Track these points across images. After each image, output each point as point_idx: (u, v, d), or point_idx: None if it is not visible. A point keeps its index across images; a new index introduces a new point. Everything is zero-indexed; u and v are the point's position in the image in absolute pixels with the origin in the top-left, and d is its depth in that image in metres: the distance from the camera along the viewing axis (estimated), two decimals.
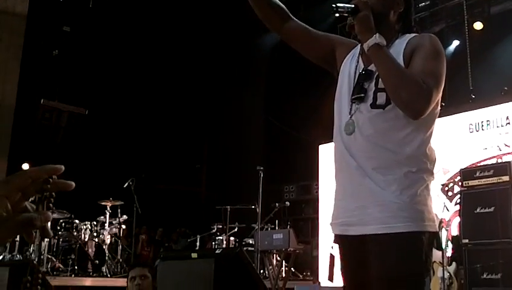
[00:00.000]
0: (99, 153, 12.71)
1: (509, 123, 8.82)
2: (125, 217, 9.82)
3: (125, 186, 9.74)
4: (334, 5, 2.27)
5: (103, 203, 9.61)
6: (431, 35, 2.39)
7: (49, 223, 1.09)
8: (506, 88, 9.32)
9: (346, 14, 2.30)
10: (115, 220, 9.70)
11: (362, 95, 2.31)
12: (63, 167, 1.11)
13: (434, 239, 2.25)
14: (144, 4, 13.16)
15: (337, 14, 2.30)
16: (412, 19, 2.54)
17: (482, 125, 9.17)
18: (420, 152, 2.27)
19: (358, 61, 2.44)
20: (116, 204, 9.71)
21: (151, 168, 13.23)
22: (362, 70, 2.38)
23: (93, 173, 12.09)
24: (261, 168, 8.70)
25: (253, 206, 9.38)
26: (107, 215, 9.57)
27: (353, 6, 2.27)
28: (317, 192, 11.93)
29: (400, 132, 2.25)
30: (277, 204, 10.23)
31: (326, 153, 11.53)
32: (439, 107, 2.34)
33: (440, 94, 2.27)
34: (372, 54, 2.25)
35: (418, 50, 2.29)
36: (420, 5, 11.68)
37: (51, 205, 1.09)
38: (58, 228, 9.17)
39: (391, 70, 2.21)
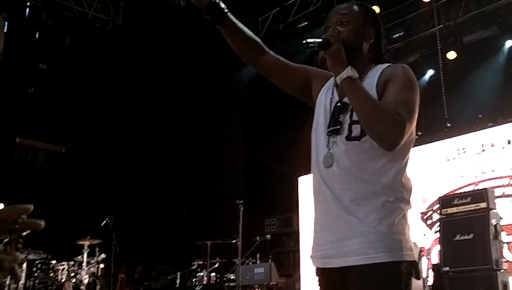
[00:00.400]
0: (76, 191, 12.56)
1: (484, 150, 8.93)
2: (103, 255, 9.65)
3: (103, 224, 9.60)
4: (304, 41, 2.28)
5: (81, 243, 9.46)
6: (404, 66, 2.39)
7: (24, 265, 1.06)
8: (480, 116, 9.45)
9: (317, 49, 2.30)
10: (93, 259, 9.54)
11: (338, 127, 2.32)
12: (31, 207, 1.09)
13: (413, 268, 2.23)
14: (121, 39, 13.19)
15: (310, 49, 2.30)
16: (382, 48, 2.53)
17: (459, 153, 9.28)
18: (396, 181, 2.27)
19: (333, 93, 2.45)
20: (94, 243, 9.57)
21: (130, 205, 13.10)
22: (337, 103, 2.39)
23: (70, 212, 11.94)
24: (241, 201, 8.66)
25: (234, 241, 9.30)
26: (85, 255, 9.41)
27: (324, 40, 2.28)
28: (298, 224, 11.90)
29: (375, 163, 2.26)
30: (258, 238, 10.17)
31: (306, 185, 11.53)
32: (413, 136, 2.34)
33: (414, 124, 2.28)
34: (344, 87, 2.25)
35: (391, 81, 2.29)
36: (394, 36, 11.87)
37: (19, 245, 1.07)
38: (35, 269, 8.98)
39: (364, 103, 2.21)
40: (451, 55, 11.08)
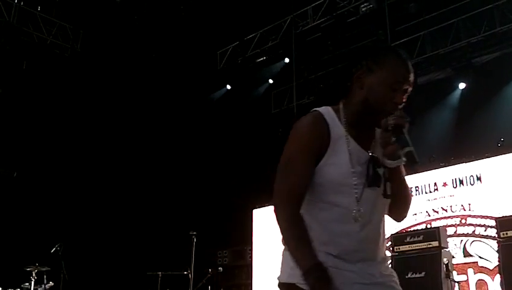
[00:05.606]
0: (25, 216, 12.28)
1: (437, 189, 9.07)
2: (51, 283, 9.43)
3: (52, 251, 9.40)
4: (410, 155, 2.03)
5: (28, 269, 9.23)
6: None
7: None
8: (434, 156, 9.61)
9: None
10: (41, 287, 9.30)
11: (378, 181, 2.12)
12: None
13: None
14: (79, 67, 13.09)
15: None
16: None
17: (411, 192, 9.39)
18: None
19: (349, 142, 2.14)
20: (43, 270, 9.34)
21: (81, 233, 12.85)
22: (371, 158, 2.14)
23: (19, 237, 11.65)
24: (194, 233, 8.63)
25: (185, 272, 9.22)
26: (32, 282, 9.17)
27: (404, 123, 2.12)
28: (251, 257, 11.84)
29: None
30: (210, 270, 10.07)
31: (260, 217, 11.51)
32: None
33: None
34: (399, 170, 2.15)
35: None
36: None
37: None
38: None
39: (407, 187, 2.24)
40: None
